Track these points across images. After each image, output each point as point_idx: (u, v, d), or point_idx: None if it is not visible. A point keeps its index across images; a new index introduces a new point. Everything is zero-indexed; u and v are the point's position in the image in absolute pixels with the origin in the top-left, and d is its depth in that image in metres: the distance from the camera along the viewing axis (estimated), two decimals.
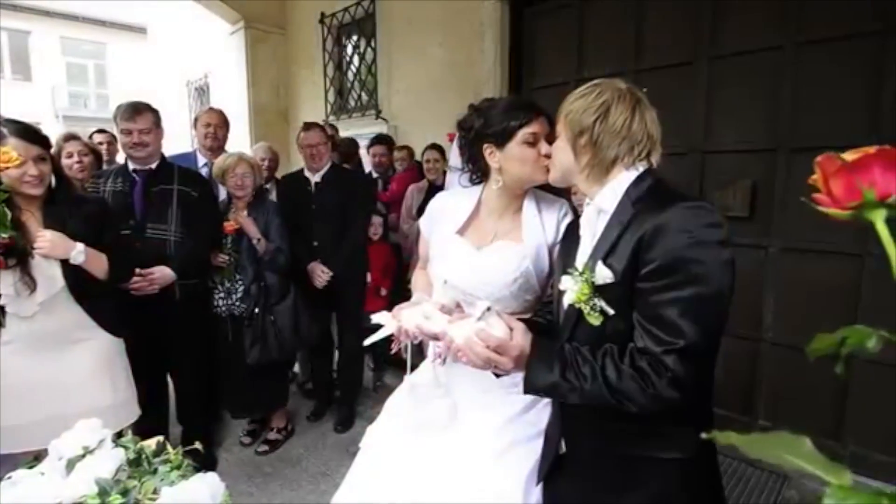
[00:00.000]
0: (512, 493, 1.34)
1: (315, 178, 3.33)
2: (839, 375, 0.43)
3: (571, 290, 1.11)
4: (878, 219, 0.43)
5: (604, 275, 1.06)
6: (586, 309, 1.09)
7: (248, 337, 2.92)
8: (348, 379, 3.56)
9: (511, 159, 1.44)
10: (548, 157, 1.37)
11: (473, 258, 1.51)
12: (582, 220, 1.23)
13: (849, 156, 0.44)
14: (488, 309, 1.11)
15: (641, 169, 1.14)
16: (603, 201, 1.15)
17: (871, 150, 0.44)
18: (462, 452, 1.43)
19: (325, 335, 3.51)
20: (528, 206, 1.51)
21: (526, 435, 1.39)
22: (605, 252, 1.08)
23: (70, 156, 3.15)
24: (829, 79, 2.51)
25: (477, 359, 1.09)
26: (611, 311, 1.07)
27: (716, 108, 2.89)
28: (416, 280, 1.78)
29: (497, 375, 1.26)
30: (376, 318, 1.44)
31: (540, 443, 1.36)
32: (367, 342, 1.50)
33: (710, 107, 2.90)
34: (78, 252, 2.00)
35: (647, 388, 1.00)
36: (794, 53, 2.60)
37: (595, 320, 1.08)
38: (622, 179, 1.13)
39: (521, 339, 1.10)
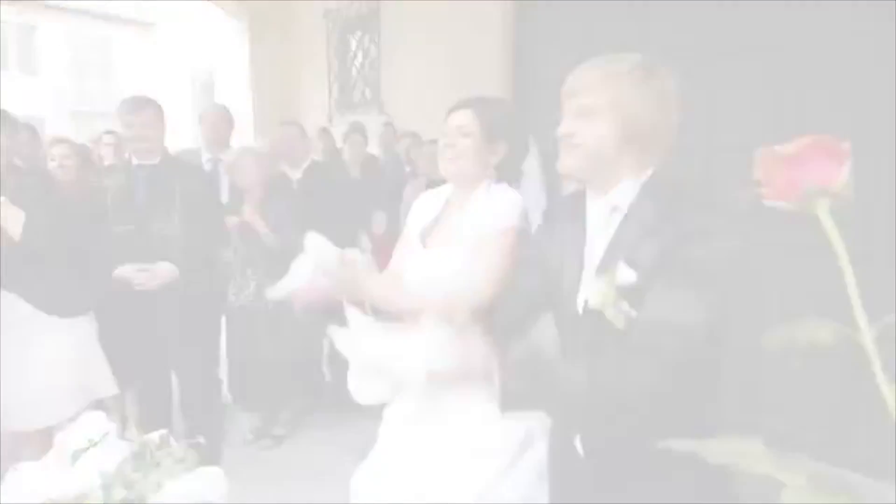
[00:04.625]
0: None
1: (296, 175, 3.41)
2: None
3: (597, 293, 1.04)
4: (822, 208, 0.44)
5: (626, 276, 1.02)
6: (612, 312, 1.02)
7: (263, 331, 2.92)
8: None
9: None
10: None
11: (419, 257, 1.48)
12: (590, 217, 1.15)
13: (786, 148, 0.44)
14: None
15: (656, 163, 1.11)
16: (619, 197, 1.10)
17: (808, 140, 0.44)
18: (429, 451, 1.38)
19: None
20: (480, 194, 1.46)
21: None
22: (626, 254, 1.04)
23: (53, 159, 3.20)
24: (831, 78, 2.50)
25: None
26: (634, 314, 1.01)
27: (717, 108, 2.87)
28: None
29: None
30: (308, 238, 1.42)
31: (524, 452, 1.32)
32: (272, 294, 1.47)
33: (711, 106, 2.88)
34: None
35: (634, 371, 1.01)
36: (794, 53, 2.59)
37: (620, 323, 1.02)
38: (644, 174, 1.10)
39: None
